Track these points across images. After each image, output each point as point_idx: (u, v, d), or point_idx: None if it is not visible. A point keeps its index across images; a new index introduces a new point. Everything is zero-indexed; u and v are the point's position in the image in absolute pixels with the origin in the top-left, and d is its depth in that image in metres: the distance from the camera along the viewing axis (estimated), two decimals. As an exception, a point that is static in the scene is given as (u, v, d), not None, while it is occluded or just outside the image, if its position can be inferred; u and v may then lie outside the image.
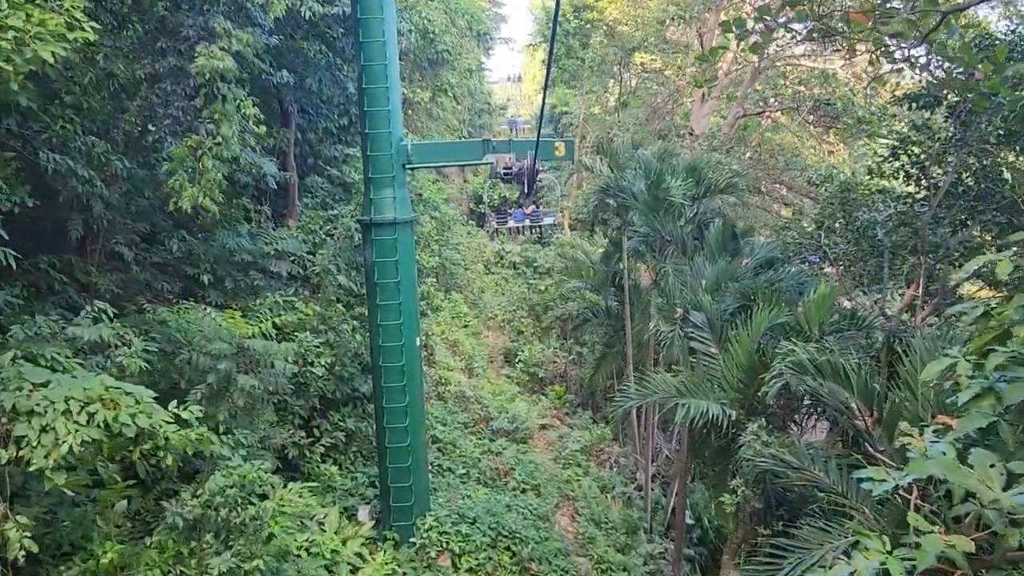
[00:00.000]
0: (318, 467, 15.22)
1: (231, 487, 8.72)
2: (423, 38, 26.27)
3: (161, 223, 16.26)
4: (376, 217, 13.42)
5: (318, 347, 14.75)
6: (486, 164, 13.66)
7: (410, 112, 28.02)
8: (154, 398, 7.79)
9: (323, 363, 14.69)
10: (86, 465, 7.85)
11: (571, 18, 38.52)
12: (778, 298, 13.22)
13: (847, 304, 14.85)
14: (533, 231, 37.20)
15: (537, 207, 36.92)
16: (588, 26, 38.12)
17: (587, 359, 28.35)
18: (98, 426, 6.99)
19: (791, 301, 13.71)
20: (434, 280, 27.32)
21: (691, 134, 26.47)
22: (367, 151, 13.35)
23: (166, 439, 7.57)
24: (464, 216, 39.82)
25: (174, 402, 8.16)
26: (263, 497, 9.33)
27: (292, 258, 17.07)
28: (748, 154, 25.75)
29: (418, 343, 14.36)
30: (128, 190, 14.53)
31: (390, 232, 13.49)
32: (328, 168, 21.89)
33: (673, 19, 28.79)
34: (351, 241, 16.90)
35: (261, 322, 11.03)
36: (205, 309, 10.70)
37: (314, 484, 14.90)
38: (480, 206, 41.70)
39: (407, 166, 13.57)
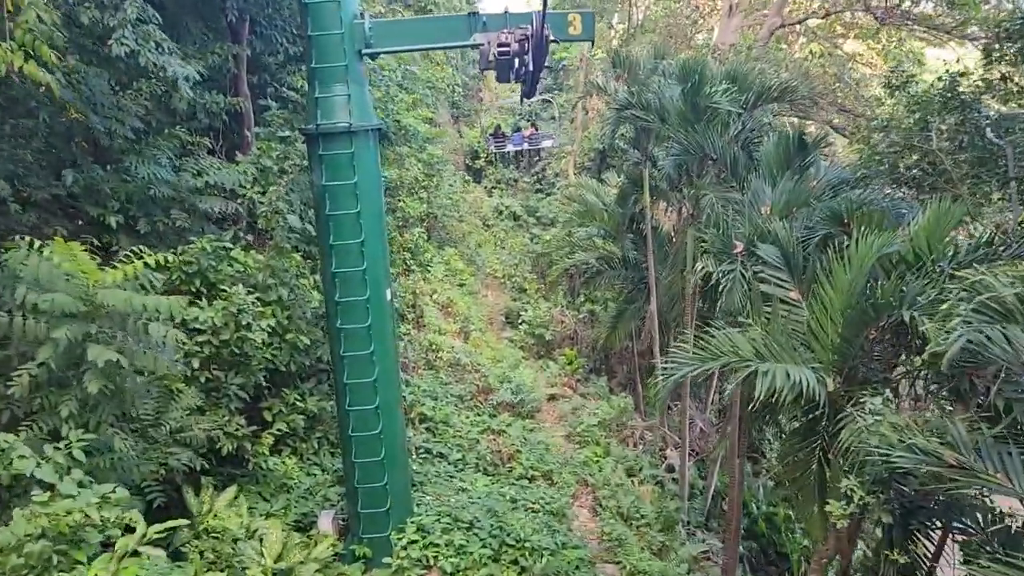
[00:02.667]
0: (267, 461, 11.67)
1: (33, 538, 5.18)
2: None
3: (60, 150, 12.62)
4: (324, 124, 9.70)
5: (257, 305, 11.14)
6: (474, 46, 9.88)
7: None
8: None
9: (264, 327, 11.09)
10: None
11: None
12: (881, 219, 9.58)
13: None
14: (534, 155, 34.21)
15: (536, 130, 33.48)
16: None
17: (601, 318, 24.78)
18: None
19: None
20: (423, 232, 23.61)
21: (717, 52, 22.51)
22: (308, 30, 9.59)
23: None
24: (460, 171, 36.09)
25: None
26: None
27: (226, 194, 13.32)
28: (787, 72, 21.79)
29: (388, 297, 10.72)
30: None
31: (344, 144, 9.78)
32: (290, 93, 18.05)
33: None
34: (309, 173, 13.17)
35: (128, 263, 7.31)
36: (35, 245, 6.91)
37: (257, 487, 11.50)
38: (477, 162, 38.08)
39: (365, 52, 9.80)
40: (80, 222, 12.42)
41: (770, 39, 22.38)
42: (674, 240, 21.14)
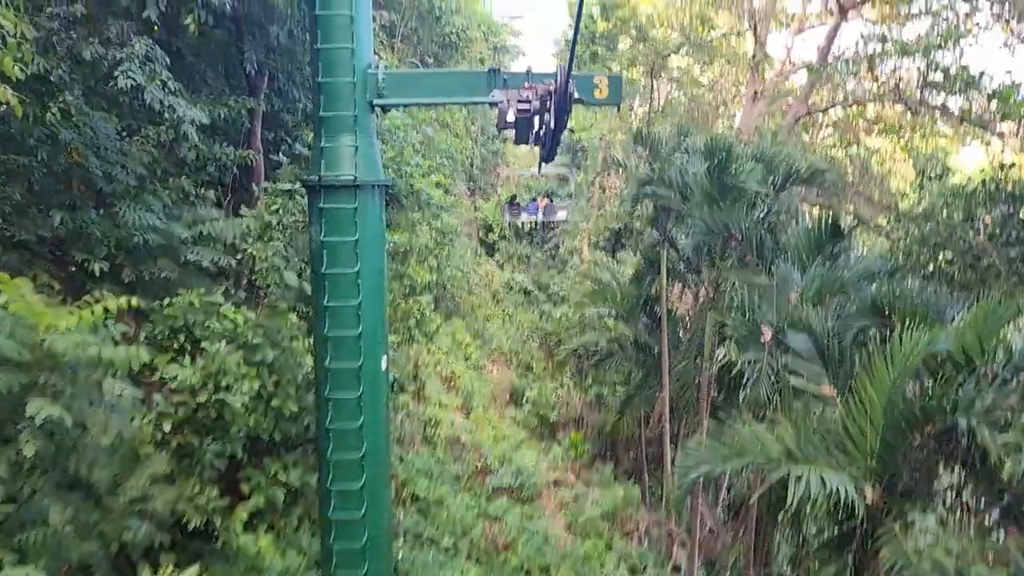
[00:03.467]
0: (238, 538, 10.61)
1: None
2: (429, 14, 22.29)
3: (55, 192, 12.09)
4: (327, 176, 9.05)
5: (241, 366, 10.31)
6: (492, 103, 9.31)
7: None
8: None
9: (245, 390, 10.22)
10: None
11: (599, 19, 34.51)
12: (925, 314, 8.75)
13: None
14: (547, 232, 33.99)
15: (551, 201, 33.28)
16: (617, 30, 34.09)
17: (609, 402, 23.77)
18: None
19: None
20: (430, 301, 22.86)
21: (740, 136, 22.15)
22: (318, 76, 9.05)
23: None
24: (474, 243, 35.71)
25: None
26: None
27: (225, 248, 12.65)
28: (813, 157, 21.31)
29: (384, 366, 9.86)
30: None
31: (348, 199, 9.10)
32: (304, 150, 17.64)
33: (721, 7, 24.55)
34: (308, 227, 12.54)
35: (85, 308, 6.50)
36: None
37: (224, 566, 10.42)
38: (491, 235, 37.79)
39: (376, 103, 9.23)
40: (72, 268, 11.79)
41: (794, 127, 22.06)
42: (689, 325, 20.34)
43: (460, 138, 35.39)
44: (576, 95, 7.88)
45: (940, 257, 11.52)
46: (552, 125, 8.05)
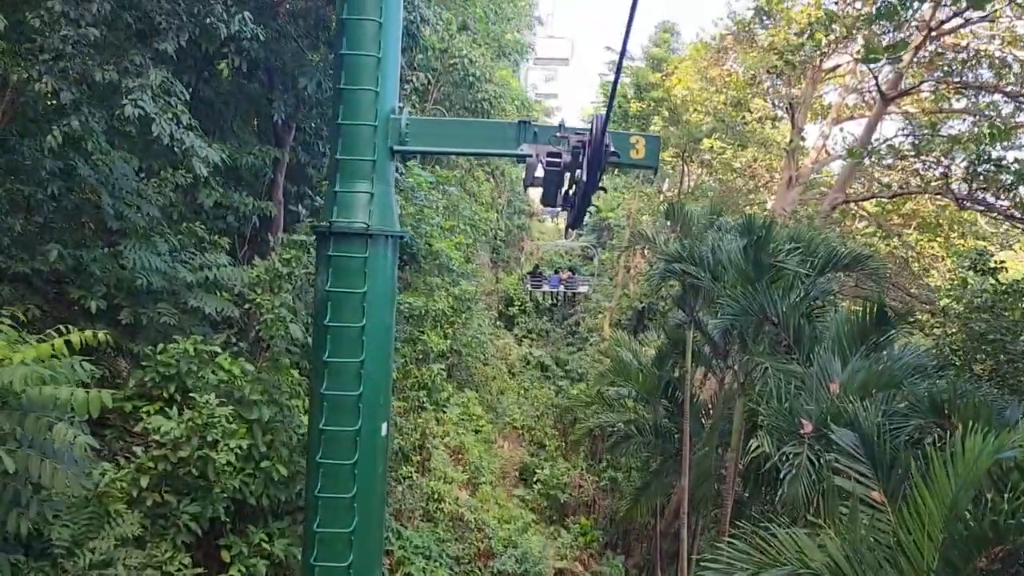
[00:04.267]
0: (209, 615, 9.62)
1: None
2: (463, 81, 22.17)
3: (62, 228, 11.64)
4: (339, 222, 8.43)
5: (232, 421, 9.51)
6: (520, 157, 8.73)
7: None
8: None
9: (233, 447, 9.39)
10: None
11: (632, 100, 34.58)
12: (989, 416, 7.82)
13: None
14: (568, 308, 33.52)
15: (573, 274, 32.83)
16: (650, 111, 34.09)
17: (623, 487, 22.55)
18: None
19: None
20: (443, 369, 22.03)
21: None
22: (338, 118, 8.54)
23: None
24: (493, 314, 35.09)
25: None
26: None
27: (234, 297, 12.01)
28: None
29: (384, 432, 9.03)
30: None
31: (359, 248, 8.46)
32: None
33: (761, 86, 24.28)
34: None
35: (41, 343, 5.77)
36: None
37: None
38: (511, 308, 37.24)
39: (397, 149, 8.69)
40: (75, 308, 11.19)
41: (831, 214, 21.42)
42: (712, 412, 19.33)
43: (485, 208, 35.17)
44: (612, 148, 7.23)
45: (1000, 356, 10.62)
46: (584, 180, 7.37)
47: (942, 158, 16.75)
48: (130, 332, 11.01)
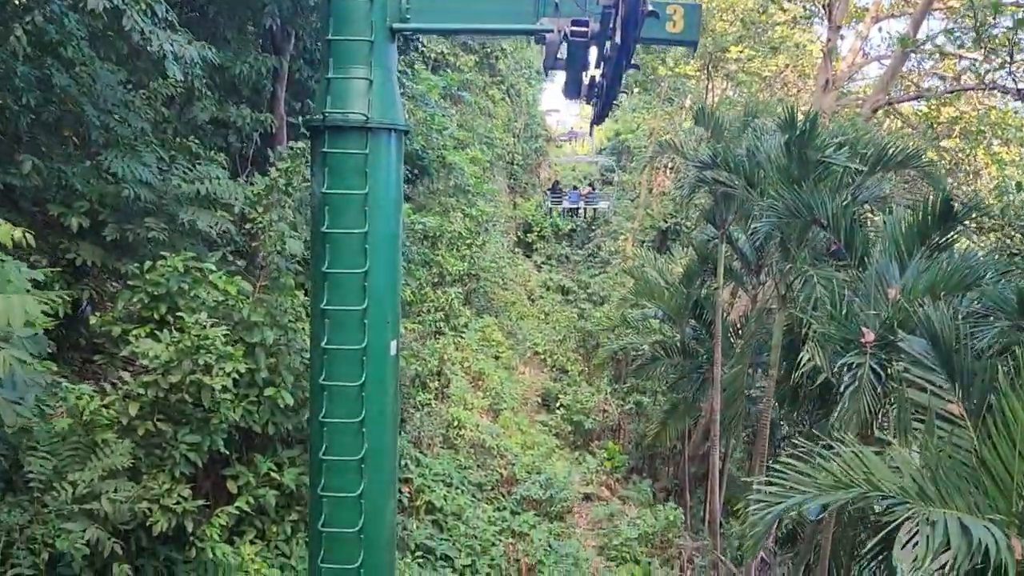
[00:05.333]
0: (214, 549, 8.96)
1: None
2: None
3: (41, 141, 10.67)
4: (333, 114, 7.35)
5: (226, 342, 8.68)
6: (540, 33, 7.58)
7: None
8: None
9: (230, 371, 8.57)
10: None
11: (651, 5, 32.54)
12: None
13: None
14: (588, 231, 32.67)
15: (593, 189, 31.89)
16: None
17: (649, 411, 21.87)
18: None
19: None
20: (460, 292, 21.19)
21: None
22: (328, -8, 7.38)
23: None
24: (511, 242, 34.13)
25: None
26: None
27: (233, 217, 11.05)
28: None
29: (393, 351, 8.14)
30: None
31: (358, 142, 7.40)
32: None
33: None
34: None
35: None
36: None
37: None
38: (529, 235, 36.20)
39: (398, 28, 7.54)
40: (55, 226, 10.30)
41: (871, 118, 19.93)
42: (741, 332, 18.43)
43: (501, 131, 33.80)
44: (650, 7, 6.06)
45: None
46: (619, 45, 6.20)
47: (1002, 47, 15.22)
48: (118, 251, 10.14)
